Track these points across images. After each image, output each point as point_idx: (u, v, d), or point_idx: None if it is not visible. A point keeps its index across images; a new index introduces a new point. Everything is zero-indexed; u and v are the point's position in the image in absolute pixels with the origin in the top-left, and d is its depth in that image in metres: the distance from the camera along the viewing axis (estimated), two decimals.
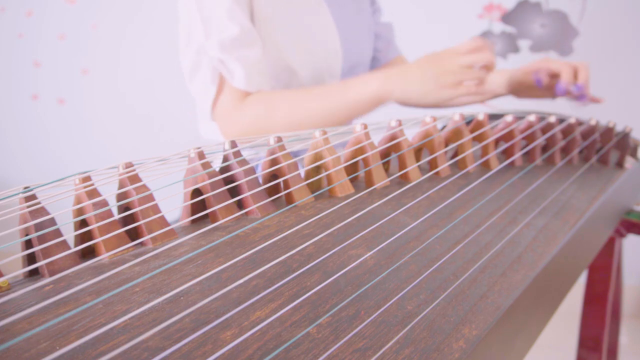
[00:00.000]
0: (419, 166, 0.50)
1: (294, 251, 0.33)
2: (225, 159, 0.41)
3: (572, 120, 0.65)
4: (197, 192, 0.40)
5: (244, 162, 0.41)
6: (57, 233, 0.33)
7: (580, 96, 0.75)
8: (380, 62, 1.04)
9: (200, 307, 0.27)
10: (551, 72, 0.81)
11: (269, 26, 0.81)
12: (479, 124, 0.57)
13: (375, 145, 0.47)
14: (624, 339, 1.53)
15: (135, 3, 1.84)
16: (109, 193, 0.36)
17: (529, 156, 0.61)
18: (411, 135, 0.53)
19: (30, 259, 0.34)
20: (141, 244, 0.35)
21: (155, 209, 0.36)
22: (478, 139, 0.57)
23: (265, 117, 0.76)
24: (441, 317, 0.30)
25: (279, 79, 0.84)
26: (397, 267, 0.34)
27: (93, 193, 0.34)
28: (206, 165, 0.39)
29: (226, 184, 0.40)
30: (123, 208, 0.37)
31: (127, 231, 0.35)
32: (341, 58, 0.88)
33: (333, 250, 0.34)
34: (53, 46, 1.92)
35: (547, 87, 0.83)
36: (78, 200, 0.35)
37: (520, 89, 0.86)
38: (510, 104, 1.04)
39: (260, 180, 0.43)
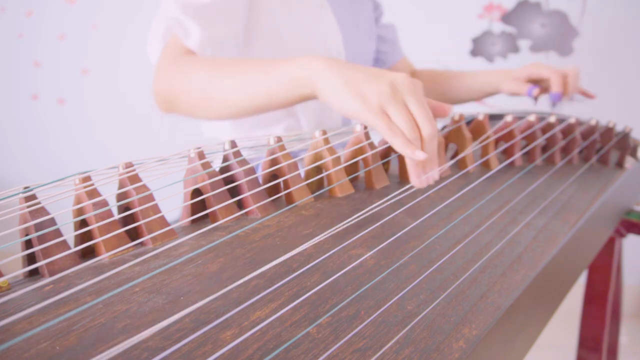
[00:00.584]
0: None
1: (294, 251, 0.33)
2: (225, 159, 0.41)
3: (572, 120, 0.65)
4: (197, 192, 0.40)
5: (244, 162, 0.41)
6: (57, 233, 0.33)
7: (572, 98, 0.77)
8: (385, 65, 1.04)
9: (200, 307, 0.27)
10: (541, 78, 0.81)
11: (271, 27, 0.81)
12: (479, 124, 0.57)
13: (375, 145, 0.47)
14: (624, 339, 1.53)
15: (135, 3, 1.84)
16: (109, 193, 0.36)
17: (529, 156, 0.61)
18: None
19: (30, 259, 0.34)
20: (141, 244, 0.35)
21: (155, 209, 0.36)
22: (478, 138, 0.57)
23: (183, 77, 0.65)
24: (441, 317, 0.30)
25: None
26: (397, 267, 0.34)
27: (93, 193, 0.34)
28: (206, 165, 0.39)
29: (226, 184, 0.40)
30: (123, 208, 0.37)
31: (127, 231, 0.35)
32: (344, 59, 0.88)
33: (333, 250, 0.34)
34: (53, 46, 1.92)
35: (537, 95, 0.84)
36: (78, 200, 0.35)
37: (514, 93, 0.87)
38: (510, 104, 1.04)
39: (260, 180, 0.43)
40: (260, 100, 0.57)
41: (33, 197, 0.33)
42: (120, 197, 0.36)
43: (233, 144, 0.41)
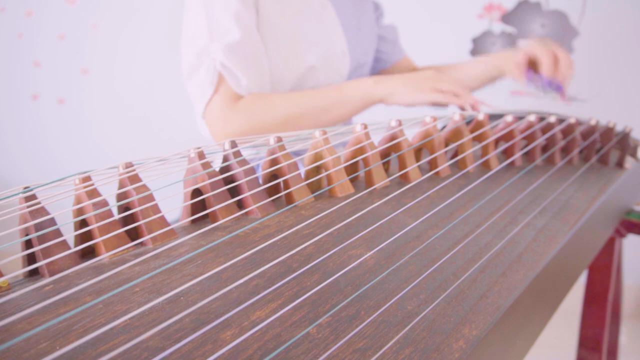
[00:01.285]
0: (419, 166, 0.50)
1: (294, 251, 0.33)
2: (225, 159, 0.41)
3: (572, 120, 0.65)
4: (197, 192, 0.40)
5: (244, 162, 0.41)
6: (57, 233, 0.33)
7: (557, 87, 0.79)
8: (387, 64, 1.04)
9: (200, 307, 0.27)
10: (536, 59, 0.84)
11: (276, 31, 0.81)
12: (479, 124, 0.57)
13: (375, 145, 0.47)
14: (624, 339, 1.53)
15: (135, 3, 1.84)
16: (109, 193, 0.36)
17: (529, 156, 0.61)
18: (411, 135, 0.53)
19: (30, 259, 0.34)
20: (141, 244, 0.35)
21: (155, 209, 0.36)
22: (478, 139, 0.57)
23: (260, 116, 0.78)
24: (441, 317, 0.30)
25: (286, 82, 0.85)
26: (397, 267, 0.34)
27: (93, 193, 0.34)
28: (206, 165, 0.39)
29: (226, 184, 0.40)
30: (123, 208, 0.37)
31: (127, 231, 0.35)
32: (349, 58, 0.89)
33: (333, 250, 0.34)
34: (53, 46, 1.92)
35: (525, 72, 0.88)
36: (78, 200, 0.35)
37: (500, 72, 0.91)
38: (510, 104, 1.04)
39: (260, 180, 0.43)
40: (336, 116, 0.79)
41: (33, 197, 0.33)
42: (120, 197, 0.36)
43: (233, 144, 0.41)
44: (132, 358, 0.23)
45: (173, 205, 0.39)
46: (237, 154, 0.41)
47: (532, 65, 0.86)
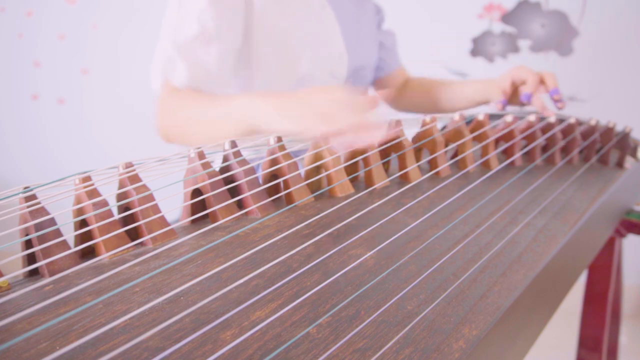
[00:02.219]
0: (419, 166, 0.50)
1: (294, 251, 0.33)
2: (225, 159, 0.41)
3: (572, 120, 0.65)
4: (197, 192, 0.40)
5: (244, 162, 0.41)
6: (57, 233, 0.33)
7: (557, 101, 0.78)
8: (383, 72, 1.04)
9: (200, 307, 0.27)
10: (520, 80, 0.83)
11: (273, 31, 0.81)
12: (479, 124, 0.57)
13: (375, 145, 0.47)
14: (624, 339, 1.53)
15: (135, 3, 1.84)
16: (109, 193, 0.36)
17: (529, 156, 0.61)
18: (411, 135, 0.53)
19: (30, 259, 0.34)
20: (141, 244, 0.35)
21: (155, 209, 0.36)
22: (478, 139, 0.57)
23: (168, 114, 0.74)
24: (441, 317, 0.30)
25: (282, 82, 0.84)
26: (397, 267, 0.34)
27: (93, 193, 0.34)
28: (206, 165, 0.39)
29: (226, 184, 0.40)
30: (123, 208, 0.37)
31: (127, 231, 0.35)
32: (346, 60, 0.89)
33: (333, 250, 0.34)
34: (53, 46, 1.92)
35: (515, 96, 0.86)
36: (78, 200, 0.35)
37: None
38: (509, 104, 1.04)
39: (260, 180, 0.43)
40: (222, 132, 0.62)
41: (33, 197, 0.33)
42: (120, 197, 0.36)
43: (233, 144, 0.41)
44: (132, 358, 0.23)
45: (173, 205, 0.39)
46: (237, 154, 0.41)
47: (517, 89, 0.85)
